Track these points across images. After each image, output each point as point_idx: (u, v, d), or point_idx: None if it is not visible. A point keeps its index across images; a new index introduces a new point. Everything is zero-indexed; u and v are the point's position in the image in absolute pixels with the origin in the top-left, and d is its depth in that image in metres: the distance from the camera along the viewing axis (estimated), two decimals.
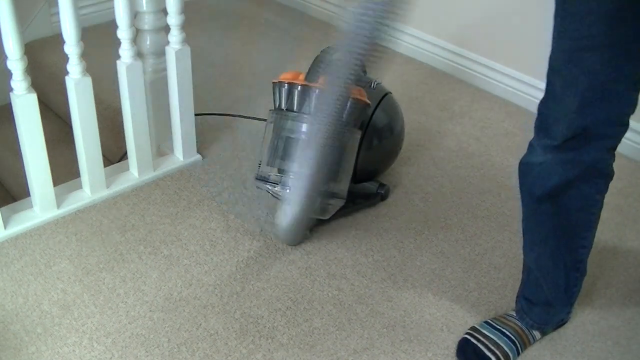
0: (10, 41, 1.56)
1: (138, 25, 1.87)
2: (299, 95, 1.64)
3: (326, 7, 2.89)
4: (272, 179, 1.67)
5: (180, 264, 1.70)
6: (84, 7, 2.65)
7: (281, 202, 1.67)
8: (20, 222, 1.78)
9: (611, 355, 1.53)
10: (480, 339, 1.47)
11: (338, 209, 1.73)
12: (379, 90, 1.85)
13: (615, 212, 1.89)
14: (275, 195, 1.69)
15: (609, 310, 1.63)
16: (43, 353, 1.48)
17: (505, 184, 2.00)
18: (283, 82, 1.67)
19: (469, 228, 1.85)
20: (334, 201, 1.69)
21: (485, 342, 1.46)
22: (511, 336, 1.47)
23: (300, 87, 1.64)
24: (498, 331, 1.48)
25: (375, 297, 1.64)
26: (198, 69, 2.39)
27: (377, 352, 1.51)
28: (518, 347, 1.47)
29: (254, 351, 1.50)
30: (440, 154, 2.12)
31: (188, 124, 1.97)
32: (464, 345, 1.49)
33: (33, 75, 1.73)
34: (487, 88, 2.45)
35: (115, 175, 1.94)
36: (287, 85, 1.66)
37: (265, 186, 1.69)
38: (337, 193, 1.69)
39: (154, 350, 1.49)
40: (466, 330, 1.51)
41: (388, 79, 2.45)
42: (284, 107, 1.67)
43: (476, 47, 2.45)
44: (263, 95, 2.36)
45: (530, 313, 1.48)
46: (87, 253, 1.72)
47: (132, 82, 1.79)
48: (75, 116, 1.75)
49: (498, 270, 1.72)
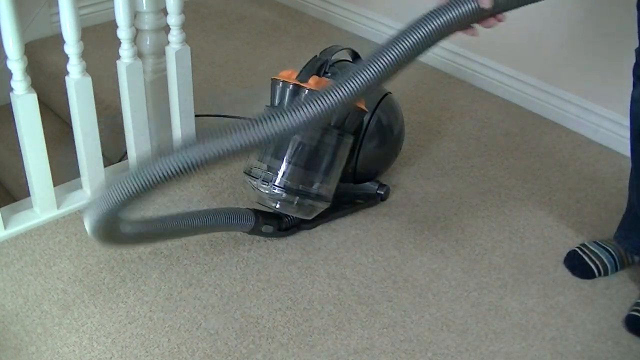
0: (10, 41, 1.56)
1: (138, 25, 1.87)
2: (290, 94, 1.65)
3: (326, 7, 2.89)
4: (254, 173, 1.68)
5: (180, 264, 1.70)
6: (84, 7, 2.65)
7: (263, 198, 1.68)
8: (20, 222, 1.77)
9: (611, 355, 1.53)
10: (586, 251, 1.72)
11: (322, 210, 1.74)
12: (379, 90, 1.85)
13: (615, 212, 1.89)
14: (255, 189, 1.69)
15: (609, 310, 1.63)
16: (43, 353, 1.48)
17: (505, 184, 2.00)
18: (278, 80, 1.68)
19: (469, 228, 1.85)
20: (319, 203, 1.70)
21: (589, 254, 1.71)
22: (612, 252, 1.71)
23: (291, 85, 1.65)
24: (602, 247, 1.72)
25: (375, 297, 1.64)
26: (198, 69, 2.39)
27: (377, 352, 1.51)
28: (616, 263, 1.71)
29: (254, 351, 1.50)
30: (440, 154, 2.12)
31: (188, 124, 1.97)
32: (572, 255, 1.74)
33: (33, 75, 1.73)
34: (487, 88, 2.45)
35: (116, 175, 1.93)
36: (281, 83, 1.67)
37: (249, 180, 1.70)
38: (323, 196, 1.70)
39: (154, 350, 1.49)
40: (576, 245, 1.76)
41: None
42: (276, 105, 1.68)
43: (476, 47, 2.45)
44: (263, 96, 2.36)
45: (627, 239, 1.70)
46: (87, 253, 1.72)
47: (132, 82, 1.79)
48: (75, 116, 1.75)
49: (498, 270, 1.72)
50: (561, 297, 1.66)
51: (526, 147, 2.13)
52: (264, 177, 1.66)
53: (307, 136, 1.65)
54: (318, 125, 1.42)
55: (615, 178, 2.05)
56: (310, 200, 1.68)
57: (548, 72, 2.29)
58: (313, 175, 1.67)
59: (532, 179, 2.03)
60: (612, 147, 2.17)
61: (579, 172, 2.07)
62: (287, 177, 1.65)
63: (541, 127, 2.25)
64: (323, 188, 1.69)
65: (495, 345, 1.54)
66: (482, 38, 2.60)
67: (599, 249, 1.72)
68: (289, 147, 1.65)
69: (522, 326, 1.58)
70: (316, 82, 1.64)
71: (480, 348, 1.53)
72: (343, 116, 1.65)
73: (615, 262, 1.71)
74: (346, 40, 2.70)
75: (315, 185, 1.67)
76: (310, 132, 1.64)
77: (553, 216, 1.90)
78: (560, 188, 2.00)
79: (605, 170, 2.08)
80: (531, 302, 1.64)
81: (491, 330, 1.57)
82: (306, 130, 1.52)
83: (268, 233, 1.73)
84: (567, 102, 2.25)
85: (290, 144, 1.65)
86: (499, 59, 2.39)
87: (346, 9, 2.82)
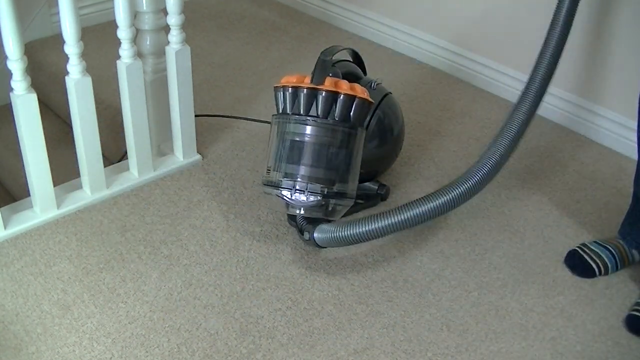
0: (10, 41, 1.56)
1: (138, 25, 1.87)
2: (305, 99, 1.64)
3: (326, 7, 2.89)
4: (281, 184, 1.65)
5: (180, 264, 1.70)
6: (84, 7, 2.65)
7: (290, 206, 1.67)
8: (20, 222, 1.78)
9: (611, 355, 1.53)
10: (586, 250, 1.74)
11: (347, 209, 1.73)
12: (379, 90, 1.85)
13: (615, 212, 1.89)
14: (283, 198, 1.68)
15: (609, 310, 1.63)
16: (43, 353, 1.48)
17: (506, 184, 2.00)
18: (287, 86, 1.66)
19: (469, 228, 1.85)
20: (343, 201, 1.69)
21: (590, 253, 1.73)
22: (612, 251, 1.72)
23: (306, 90, 1.64)
24: (602, 247, 1.73)
25: (375, 297, 1.64)
26: (198, 69, 2.40)
27: (377, 352, 1.51)
28: (617, 262, 1.72)
29: (254, 351, 1.50)
30: (440, 154, 2.12)
31: (188, 124, 1.97)
32: (573, 254, 1.75)
33: (33, 75, 1.73)
34: (487, 88, 2.45)
35: (115, 175, 1.94)
36: (291, 89, 1.65)
37: (274, 191, 1.68)
38: (346, 193, 1.68)
39: (154, 350, 1.49)
40: (576, 245, 1.77)
41: (388, 79, 2.45)
42: (289, 111, 1.67)
43: (476, 47, 2.45)
44: (263, 96, 2.36)
45: (631, 233, 1.72)
46: (87, 253, 1.72)
47: (132, 82, 1.79)
48: (75, 116, 1.75)
49: (498, 270, 1.72)
50: (561, 297, 1.66)
51: (526, 147, 2.13)
52: (298, 186, 1.64)
53: (329, 137, 1.64)
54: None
55: (615, 178, 2.05)
56: (336, 200, 1.66)
57: None
58: (337, 175, 1.65)
59: (532, 179, 2.03)
60: (612, 147, 2.17)
61: (579, 172, 2.07)
62: (313, 181, 1.63)
63: (541, 127, 2.25)
64: (347, 186, 1.67)
65: (495, 345, 1.54)
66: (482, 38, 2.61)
67: (599, 248, 1.73)
68: (308, 151, 1.64)
69: (522, 326, 1.58)
70: (332, 84, 1.63)
71: (480, 348, 1.53)
72: (358, 112, 1.65)
73: (616, 261, 1.71)
74: (346, 40, 2.71)
75: (339, 184, 1.66)
76: (322, 132, 1.63)
77: (553, 216, 1.90)
78: (560, 188, 2.00)
79: (605, 170, 2.08)
80: (531, 302, 1.64)
81: (491, 330, 1.57)
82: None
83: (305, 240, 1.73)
84: (567, 102, 2.25)
85: (311, 148, 1.64)
86: (499, 59, 2.39)
87: (346, 9, 2.82)
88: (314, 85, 1.63)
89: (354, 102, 1.63)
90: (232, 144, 2.13)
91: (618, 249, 1.72)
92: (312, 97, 1.63)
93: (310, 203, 1.65)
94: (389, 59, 2.63)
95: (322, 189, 1.63)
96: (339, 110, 1.63)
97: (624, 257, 1.72)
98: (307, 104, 1.64)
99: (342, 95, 1.62)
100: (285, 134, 1.67)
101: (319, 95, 1.62)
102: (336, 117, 1.63)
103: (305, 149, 1.64)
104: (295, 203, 1.66)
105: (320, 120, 1.63)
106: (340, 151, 1.65)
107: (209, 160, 2.05)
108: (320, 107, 1.63)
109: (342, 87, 1.63)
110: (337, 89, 1.62)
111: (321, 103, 1.63)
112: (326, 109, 1.63)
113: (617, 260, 1.72)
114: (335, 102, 1.63)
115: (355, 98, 1.63)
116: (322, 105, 1.63)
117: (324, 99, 1.62)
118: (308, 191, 1.63)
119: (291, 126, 1.66)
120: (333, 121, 1.63)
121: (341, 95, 1.62)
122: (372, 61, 2.56)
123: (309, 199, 1.64)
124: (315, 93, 1.63)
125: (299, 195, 1.64)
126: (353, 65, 1.92)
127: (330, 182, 1.64)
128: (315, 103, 1.63)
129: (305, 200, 1.64)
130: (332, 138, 1.64)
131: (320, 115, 1.63)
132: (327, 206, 1.66)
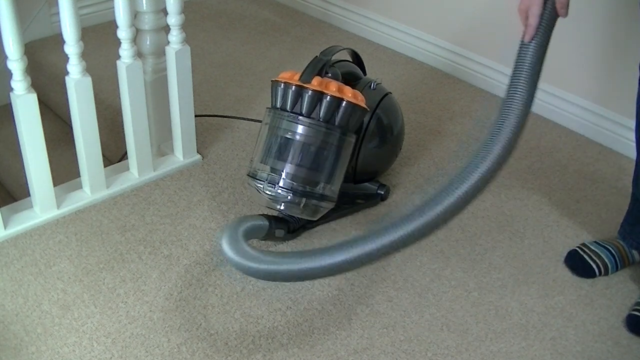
0: (10, 41, 1.56)
1: (138, 25, 1.87)
2: (292, 95, 1.65)
3: (326, 7, 2.89)
4: (259, 176, 1.68)
5: (180, 264, 1.70)
6: (84, 7, 2.65)
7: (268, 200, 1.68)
8: (20, 222, 1.78)
9: (611, 355, 1.53)
10: (586, 250, 1.73)
11: (327, 211, 1.73)
12: (379, 90, 1.85)
13: (615, 213, 1.89)
14: (261, 192, 1.69)
15: (609, 310, 1.63)
16: (43, 353, 1.48)
17: (505, 184, 2.00)
18: (280, 81, 1.68)
19: (469, 228, 1.85)
20: (324, 203, 1.70)
21: (590, 253, 1.72)
22: (612, 251, 1.72)
23: (294, 87, 1.65)
24: (602, 247, 1.73)
25: (375, 297, 1.64)
26: (198, 69, 2.40)
27: (377, 352, 1.51)
28: (617, 262, 1.71)
29: (254, 351, 1.50)
30: (440, 154, 2.12)
31: (188, 124, 1.97)
32: (573, 254, 1.74)
33: (33, 75, 1.73)
34: (487, 88, 2.45)
35: (115, 175, 1.94)
36: (283, 84, 1.67)
37: (253, 183, 1.70)
38: (328, 196, 1.69)
39: (154, 350, 1.49)
40: (576, 245, 1.76)
41: (388, 79, 2.45)
42: (279, 106, 1.68)
43: (476, 47, 2.45)
44: (263, 96, 2.36)
45: (631, 234, 1.70)
46: (87, 253, 1.72)
47: (132, 82, 1.79)
48: (75, 116, 1.75)
49: (498, 270, 1.72)
50: (561, 297, 1.66)
51: (526, 147, 2.13)
52: (270, 179, 1.66)
53: (310, 136, 1.65)
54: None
55: (615, 178, 2.05)
56: (315, 200, 1.68)
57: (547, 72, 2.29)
58: (317, 175, 1.67)
59: (532, 179, 2.03)
60: (612, 147, 2.17)
61: (579, 172, 2.07)
62: (292, 178, 1.65)
63: (541, 127, 2.25)
64: (328, 188, 1.69)
65: (495, 345, 1.54)
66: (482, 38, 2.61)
67: (599, 248, 1.73)
68: (293, 148, 1.66)
69: (522, 326, 1.58)
70: (319, 83, 1.64)
71: (480, 348, 1.53)
72: (346, 115, 1.65)
73: (616, 261, 1.71)
74: (346, 40, 2.71)
75: (320, 186, 1.67)
76: (312, 132, 1.65)
77: (553, 216, 1.90)
78: (560, 188, 2.00)
79: (605, 170, 2.08)
80: (531, 302, 1.64)
81: (491, 330, 1.57)
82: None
83: (280, 237, 1.72)
84: (567, 102, 2.25)
85: (293, 145, 1.66)
86: (499, 59, 2.39)
87: (346, 9, 2.82)
88: (301, 82, 1.64)
89: (342, 105, 1.64)
90: (232, 144, 2.13)
91: (618, 249, 1.72)
92: (298, 95, 1.64)
93: (282, 199, 1.66)
94: (389, 59, 2.63)
95: (297, 187, 1.65)
96: (324, 111, 1.64)
97: (624, 258, 1.72)
98: (293, 101, 1.65)
99: (328, 96, 1.63)
100: (271, 129, 1.69)
101: (305, 93, 1.64)
102: (320, 118, 1.64)
103: (288, 145, 1.66)
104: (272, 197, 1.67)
105: (303, 118, 1.64)
106: (320, 152, 1.66)
107: (209, 160, 2.05)
108: (305, 106, 1.64)
109: (330, 89, 1.63)
110: (324, 89, 1.63)
111: (306, 101, 1.64)
112: (310, 108, 1.64)
113: (617, 260, 1.72)
114: (320, 102, 1.63)
115: (342, 101, 1.63)
116: (307, 104, 1.64)
117: (309, 97, 1.63)
118: (279, 186, 1.65)
119: (276, 121, 1.68)
120: (314, 120, 1.64)
121: (327, 96, 1.63)
122: (372, 61, 2.56)
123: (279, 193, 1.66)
124: (301, 91, 1.64)
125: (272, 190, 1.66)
126: (353, 65, 1.92)
127: (308, 182, 1.66)
128: (300, 101, 1.64)
129: (275, 195, 1.66)
130: (313, 137, 1.66)
131: (305, 113, 1.64)
132: (299, 204, 1.68)
